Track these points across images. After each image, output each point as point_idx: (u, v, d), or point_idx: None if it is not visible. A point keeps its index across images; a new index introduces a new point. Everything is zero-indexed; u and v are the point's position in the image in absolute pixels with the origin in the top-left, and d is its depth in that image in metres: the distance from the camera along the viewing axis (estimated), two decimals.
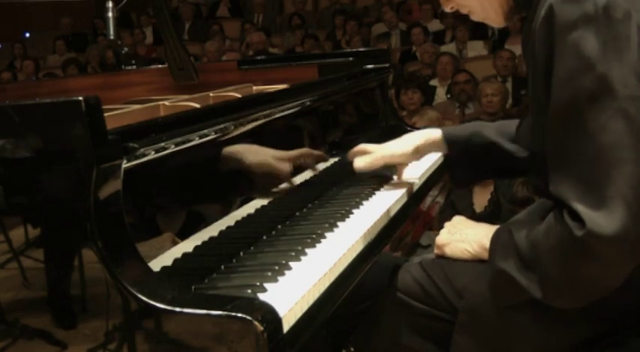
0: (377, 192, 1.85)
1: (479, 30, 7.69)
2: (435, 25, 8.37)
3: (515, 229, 1.32)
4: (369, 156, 1.80)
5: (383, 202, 1.75)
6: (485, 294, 1.41)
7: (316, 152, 1.88)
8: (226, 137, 1.48)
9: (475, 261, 1.53)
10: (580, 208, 1.16)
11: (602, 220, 1.13)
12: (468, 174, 1.85)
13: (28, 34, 10.86)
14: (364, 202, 1.75)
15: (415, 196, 1.94)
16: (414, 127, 2.61)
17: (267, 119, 1.66)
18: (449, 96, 6.43)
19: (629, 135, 1.15)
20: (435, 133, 1.81)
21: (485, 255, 1.47)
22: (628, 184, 1.14)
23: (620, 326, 1.34)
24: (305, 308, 1.18)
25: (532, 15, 1.30)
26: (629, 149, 1.15)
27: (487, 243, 1.43)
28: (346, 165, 1.86)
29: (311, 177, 1.85)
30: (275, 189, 1.67)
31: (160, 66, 2.75)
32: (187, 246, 1.34)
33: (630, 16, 1.18)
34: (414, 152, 1.81)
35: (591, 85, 1.16)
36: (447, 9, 1.53)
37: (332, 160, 2.06)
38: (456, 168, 1.84)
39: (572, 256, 1.18)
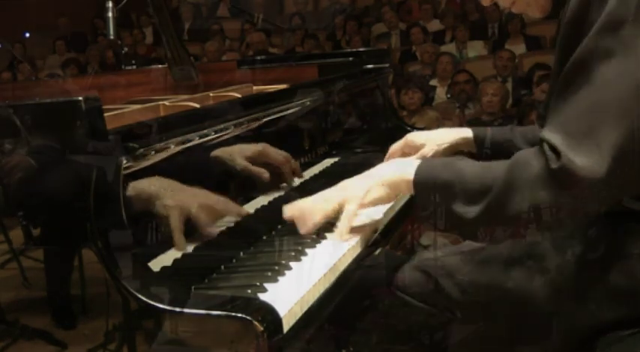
0: None
1: (479, 30, 7.68)
2: (434, 25, 8.35)
3: (464, 165, 1.34)
4: None
5: None
6: (493, 284, 1.40)
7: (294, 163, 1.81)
8: (226, 137, 1.48)
9: (474, 254, 1.52)
10: (560, 145, 1.20)
11: (578, 158, 1.18)
12: None
13: (28, 34, 10.86)
14: None
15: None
16: (414, 127, 2.61)
17: (267, 119, 1.66)
18: (449, 96, 6.42)
19: (631, 97, 1.19)
20: (467, 133, 1.83)
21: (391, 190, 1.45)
22: (611, 140, 1.18)
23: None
24: (305, 308, 1.18)
25: None
26: (626, 111, 1.18)
27: (388, 179, 1.43)
28: (346, 166, 1.85)
29: (311, 177, 1.84)
30: (275, 189, 1.67)
31: (159, 66, 2.74)
32: (187, 246, 1.34)
33: None
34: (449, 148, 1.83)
35: (613, 43, 1.20)
36: (486, 3, 1.53)
37: (332, 160, 2.06)
38: None
39: (541, 186, 1.23)
